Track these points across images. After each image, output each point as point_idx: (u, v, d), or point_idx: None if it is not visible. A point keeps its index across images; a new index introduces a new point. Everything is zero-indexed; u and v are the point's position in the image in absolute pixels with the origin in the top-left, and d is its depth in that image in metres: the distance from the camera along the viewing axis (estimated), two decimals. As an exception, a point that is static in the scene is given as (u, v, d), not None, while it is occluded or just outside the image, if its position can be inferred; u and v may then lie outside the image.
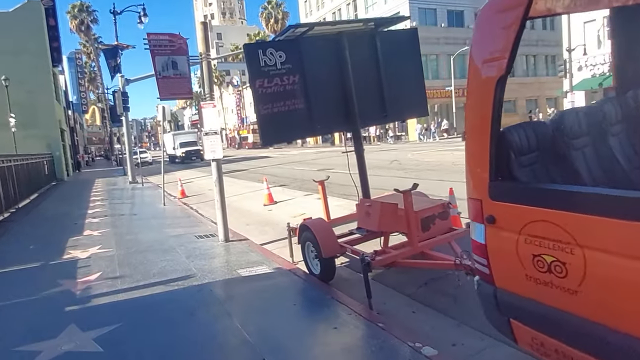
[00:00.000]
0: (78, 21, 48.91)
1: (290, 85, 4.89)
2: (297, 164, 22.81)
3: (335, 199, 10.25)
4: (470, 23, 41.58)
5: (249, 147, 61.01)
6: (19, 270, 6.03)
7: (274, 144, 4.96)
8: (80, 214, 10.88)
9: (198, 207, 11.83)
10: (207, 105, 6.58)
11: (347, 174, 5.97)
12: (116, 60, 23.90)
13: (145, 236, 7.81)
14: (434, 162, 15.95)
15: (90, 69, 64.01)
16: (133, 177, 20.19)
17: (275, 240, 7.27)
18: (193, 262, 5.76)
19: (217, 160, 6.77)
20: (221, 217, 6.81)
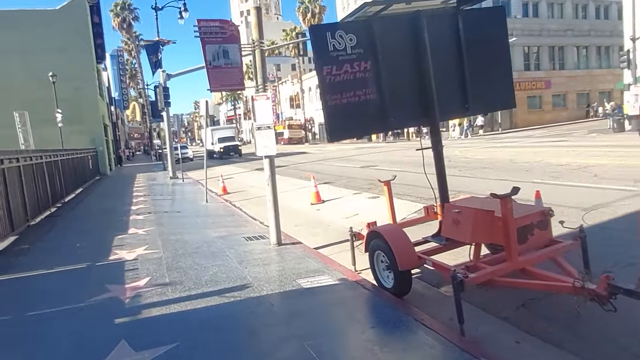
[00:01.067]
0: (120, 19, 50.02)
1: (361, 72, 4.28)
2: (337, 160, 22.22)
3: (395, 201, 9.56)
4: (517, 13, 39.63)
5: (284, 142, 60.87)
6: (66, 271, 5.73)
7: (342, 139, 4.34)
8: (124, 211, 10.70)
9: (242, 205, 11.44)
10: (260, 97, 6.07)
11: (393, 172, 5.28)
12: (157, 55, 23.98)
13: (191, 236, 7.42)
14: (487, 159, 14.96)
15: (131, 66, 65.69)
16: (173, 173, 20.19)
17: (330, 244, 6.71)
18: (247, 269, 5.27)
19: (270, 156, 6.26)
20: (274, 219, 6.30)
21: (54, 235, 8.45)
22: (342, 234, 7.20)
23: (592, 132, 23.97)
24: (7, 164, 8.25)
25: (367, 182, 12.39)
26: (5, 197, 7.98)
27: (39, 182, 10.44)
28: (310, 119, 66.72)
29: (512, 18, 39.35)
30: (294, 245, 6.37)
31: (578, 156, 13.31)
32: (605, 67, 44.27)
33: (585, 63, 43.84)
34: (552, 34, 41.30)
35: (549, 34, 41.19)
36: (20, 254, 6.89)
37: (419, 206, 8.53)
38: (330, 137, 4.31)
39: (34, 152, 10.55)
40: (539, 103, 41.71)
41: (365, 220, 8.13)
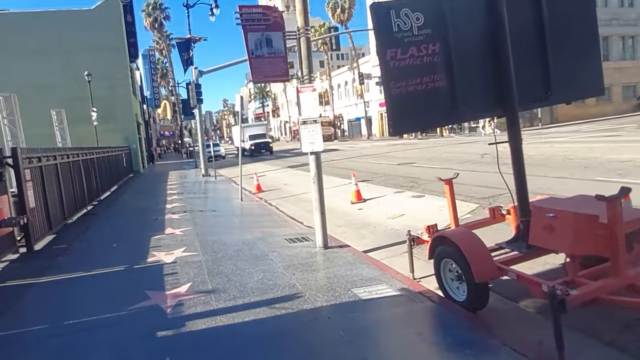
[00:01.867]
0: (152, 19, 50.78)
1: (429, 56, 3.75)
2: (371, 157, 21.61)
3: (435, 198, 8.98)
4: None
5: (313, 139, 60.55)
6: (104, 274, 5.45)
7: (406, 132, 3.84)
8: (160, 209, 10.49)
9: (278, 203, 11.06)
10: (306, 89, 5.61)
11: (433, 169, 4.70)
12: (189, 53, 24.03)
13: (229, 237, 7.06)
14: (537, 155, 14.05)
15: (162, 65, 66.73)
16: (206, 170, 20.08)
17: (379, 247, 6.20)
18: (294, 275, 4.83)
19: (317, 153, 5.80)
20: (320, 220, 5.85)
21: (91, 234, 8.27)
22: (390, 236, 6.70)
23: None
24: (45, 161, 8.13)
25: (408, 180, 11.79)
26: (43, 195, 7.84)
27: (76, 180, 10.36)
28: (339, 116, 66.15)
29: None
30: (341, 249, 5.90)
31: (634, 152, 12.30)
32: (655, 58, 41.82)
33: (631, 54, 41.47)
34: (595, 23, 39.19)
35: (592, 23, 39.09)
36: (58, 254, 6.70)
37: (471, 206, 7.93)
38: (394, 129, 3.80)
39: (70, 150, 10.48)
40: (580, 97, 39.71)
41: (412, 222, 7.66)
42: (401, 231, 6.92)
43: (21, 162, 6.85)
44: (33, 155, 7.54)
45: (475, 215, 7.15)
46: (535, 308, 3.87)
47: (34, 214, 7.19)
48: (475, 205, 7.87)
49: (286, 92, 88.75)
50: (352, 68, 59.89)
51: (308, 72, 5.64)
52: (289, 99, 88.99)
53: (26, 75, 22.21)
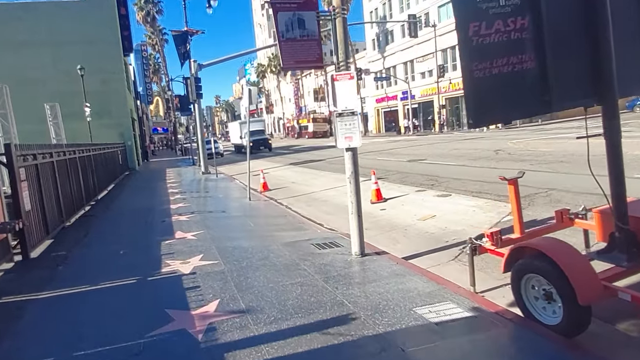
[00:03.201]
0: (144, 12, 49.67)
1: (516, 32, 3.11)
2: (376, 154, 20.98)
3: (464, 198, 8.38)
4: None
5: (309, 136, 59.95)
6: (113, 288, 4.76)
7: (488, 124, 3.21)
8: (164, 210, 9.79)
9: (289, 203, 10.40)
10: (343, 76, 4.95)
11: (446, 166, 4.09)
12: (186, 46, 23.16)
13: (249, 242, 6.39)
14: (556, 152, 13.51)
15: (154, 61, 65.46)
16: (205, 168, 19.34)
17: (419, 253, 5.58)
18: (338, 290, 4.18)
19: (354, 150, 5.15)
20: (357, 224, 5.21)
21: (92, 239, 7.55)
22: (427, 241, 6.09)
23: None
24: (41, 159, 7.39)
25: (426, 178, 11.18)
26: (39, 196, 7.11)
27: (73, 179, 9.61)
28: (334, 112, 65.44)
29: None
30: (379, 256, 5.26)
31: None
32: None
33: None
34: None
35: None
36: (58, 262, 5.99)
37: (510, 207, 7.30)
38: (475, 120, 3.16)
39: (67, 147, 9.72)
40: (580, 92, 39.44)
41: (446, 224, 6.91)
42: (437, 235, 6.32)
43: (15, 160, 6.12)
44: (28, 152, 6.80)
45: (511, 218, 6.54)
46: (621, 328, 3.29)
47: (30, 217, 6.46)
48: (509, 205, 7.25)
49: (280, 88, 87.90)
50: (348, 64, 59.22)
51: (344, 57, 4.98)
52: (282, 95, 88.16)
53: (15, 68, 21.23)
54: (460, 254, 5.40)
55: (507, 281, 4.45)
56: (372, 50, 53.55)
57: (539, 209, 6.87)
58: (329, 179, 13.98)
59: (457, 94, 40.09)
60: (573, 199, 7.27)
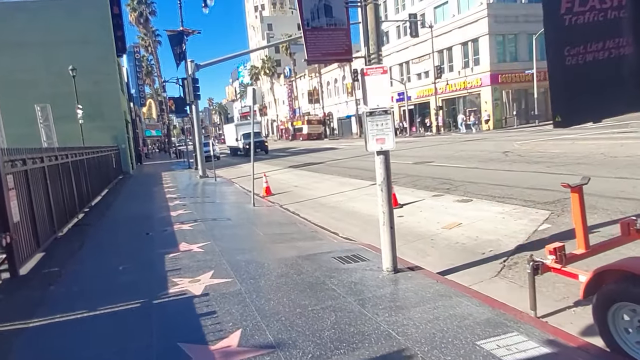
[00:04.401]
0: (137, 13, 48.86)
1: (613, 10, 2.58)
2: (378, 156, 20.42)
3: (487, 203, 7.83)
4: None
5: (303, 138, 59.39)
6: (114, 313, 4.14)
7: (580, 122, 2.55)
8: (164, 218, 9.15)
9: (296, 209, 9.82)
10: (374, 70, 4.38)
11: (454, 168, 3.55)
12: (182, 46, 22.47)
13: (263, 255, 5.80)
14: (570, 153, 13.05)
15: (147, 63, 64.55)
16: (203, 171, 18.69)
17: (455, 268, 5.03)
18: (380, 316, 3.61)
19: (386, 154, 4.58)
20: (389, 236, 4.63)
21: (87, 251, 6.91)
22: (459, 253, 5.53)
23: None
24: (31, 164, 6.73)
25: (439, 182, 10.65)
26: (29, 205, 6.46)
27: (65, 185, 8.95)
28: (328, 114, 64.97)
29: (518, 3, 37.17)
30: (414, 272, 4.70)
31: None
32: None
33: (625, 50, 41.23)
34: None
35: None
36: (50, 281, 5.35)
37: (542, 213, 6.78)
38: (565, 118, 2.60)
39: (59, 151, 9.06)
40: (576, 93, 39.32)
41: (475, 233, 6.21)
42: (470, 246, 5.77)
43: (2, 167, 5.47)
44: (17, 157, 6.15)
45: (555, 226, 6.03)
46: None
47: (19, 229, 5.81)
48: (546, 212, 6.73)
49: (273, 90, 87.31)
50: (343, 65, 58.73)
51: (376, 49, 4.41)
52: (276, 97, 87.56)
53: (4, 69, 20.44)
54: (503, 268, 4.85)
55: (569, 302, 3.93)
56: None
57: (576, 216, 6.34)
58: (333, 182, 13.42)
59: (454, 95, 39.80)
60: (609, 204, 6.76)
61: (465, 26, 36.52)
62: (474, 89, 37.01)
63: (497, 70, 35.06)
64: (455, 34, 37.96)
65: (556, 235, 5.58)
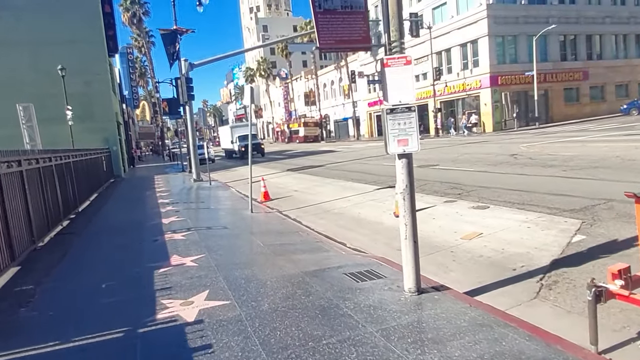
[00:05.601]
0: (130, 14, 47.98)
1: None
2: (378, 159, 19.86)
3: (507, 211, 7.23)
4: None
5: (300, 141, 58.73)
6: (91, 346, 3.48)
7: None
8: (155, 226, 8.49)
9: (298, 216, 9.19)
10: (396, 61, 3.77)
11: (465, 172, 3.07)
12: (175, 46, 21.81)
13: (264, 271, 5.15)
14: (581, 156, 12.52)
15: (140, 64, 63.70)
16: (197, 175, 18.01)
17: (484, 287, 4.40)
18: (410, 353, 2.98)
19: (409, 157, 3.96)
20: (411, 251, 4.01)
21: (68, 265, 6.22)
22: (487, 268, 4.92)
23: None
24: (5, 168, 6.05)
25: (449, 186, 10.05)
26: (2, 213, 5.77)
27: (48, 191, 8.26)
28: (325, 116, 64.37)
29: (548, 5, 36.78)
30: (441, 293, 4.07)
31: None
32: (645, 57, 41.55)
33: (624, 52, 41.02)
34: (589, 21, 38.56)
35: (587, 21, 38.45)
36: (21, 303, 4.67)
37: (572, 223, 6.17)
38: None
39: (41, 153, 8.37)
40: (576, 95, 39.05)
41: (499, 244, 5.58)
42: (496, 260, 5.16)
43: (-34, 171, 4.80)
44: (-14, 160, 5.47)
45: (590, 237, 5.43)
46: None
47: (-12, 242, 5.14)
48: (576, 222, 6.13)
49: (269, 92, 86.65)
50: (339, 67, 58.23)
51: (398, 35, 3.80)
52: (272, 99, 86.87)
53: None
54: (542, 289, 4.24)
55: (631, 332, 3.32)
56: (364, 54, 52.57)
57: (610, 226, 5.76)
58: (335, 187, 12.79)
59: (452, 97, 39.32)
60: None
61: (465, 27, 36.07)
62: (473, 90, 36.55)
63: (497, 72, 34.61)
64: (454, 35, 37.51)
65: (595, 249, 4.99)
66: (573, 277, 4.34)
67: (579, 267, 4.53)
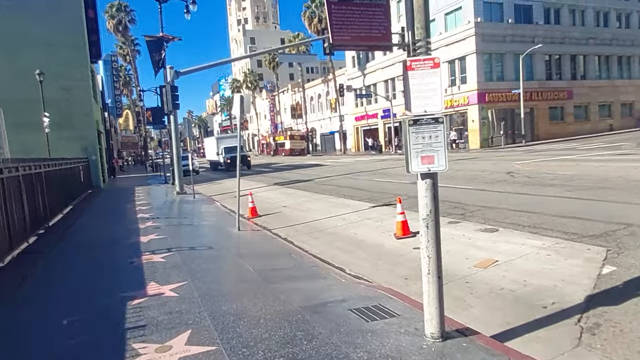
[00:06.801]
0: (116, 21, 47.18)
1: None
2: (370, 174, 19.32)
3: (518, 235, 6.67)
4: (539, 19, 37.44)
5: (286, 153, 58.08)
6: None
7: None
8: (132, 244, 7.69)
9: (289, 235, 8.52)
10: (421, 64, 3.20)
11: (462, 190, 2.83)
12: (161, 53, 21.10)
13: (256, 305, 4.45)
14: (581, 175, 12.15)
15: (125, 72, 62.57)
16: (181, 187, 17.17)
17: (518, 329, 3.79)
18: None
19: (434, 177, 3.36)
20: (436, 291, 3.38)
21: (27, 293, 5.41)
22: (511, 304, 4.33)
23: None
24: (-44, 180, 5.26)
25: (448, 205, 9.49)
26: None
27: (12, 205, 7.41)
28: (312, 130, 63.97)
29: (534, 24, 37.24)
30: (467, 339, 3.45)
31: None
32: (626, 78, 42.34)
33: (606, 73, 41.75)
34: (574, 42, 39.20)
35: (571, 42, 39.07)
36: (-39, 343, 3.87)
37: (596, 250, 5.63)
38: None
39: (6, 163, 7.55)
40: (560, 114, 39.43)
41: (520, 275, 4.99)
42: (521, 294, 4.56)
43: None
44: None
45: (622, 269, 4.88)
46: None
47: None
48: (601, 249, 5.59)
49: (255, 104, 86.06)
50: (327, 80, 58.07)
51: (424, 34, 3.23)
52: (257, 111, 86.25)
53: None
54: (583, 333, 3.64)
55: None
56: (351, 68, 52.62)
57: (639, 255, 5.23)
58: (326, 203, 12.14)
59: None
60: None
61: (453, 44, 36.20)
62: (461, 107, 36.56)
63: (485, 89, 34.71)
64: (441, 52, 37.54)
65: (631, 283, 4.44)
66: (617, 319, 3.76)
67: (620, 307, 3.96)
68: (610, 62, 41.78)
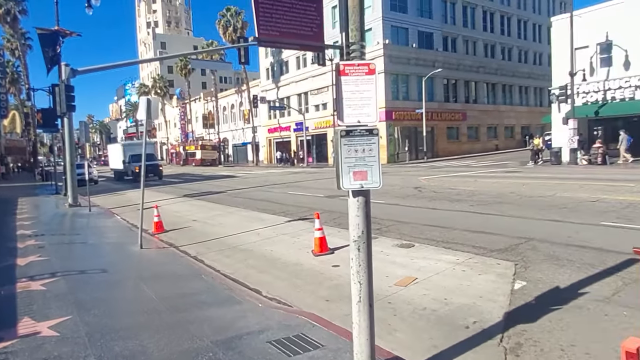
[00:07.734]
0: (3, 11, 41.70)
1: None
2: (284, 187, 18.97)
3: (433, 250, 6.73)
4: (438, 46, 40.52)
5: (196, 164, 55.70)
6: None
7: None
8: (5, 269, 6.44)
9: (199, 252, 7.84)
10: (355, 69, 2.93)
11: (374, 204, 4.74)
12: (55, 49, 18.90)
13: (160, 343, 3.80)
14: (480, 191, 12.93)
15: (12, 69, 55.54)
16: (74, 199, 15.31)
17: (444, 354, 3.64)
18: None
19: (366, 195, 3.08)
20: (367, 320, 3.06)
21: None
22: (435, 326, 4.23)
23: (524, 164, 23.88)
24: None
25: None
26: None
27: None
28: (224, 140, 62.23)
29: (434, 50, 40.19)
30: (398, 370, 3.19)
31: (582, 190, 11.87)
32: (508, 104, 47.58)
33: (493, 99, 46.52)
34: (467, 69, 43.14)
35: (465, 69, 42.94)
36: None
37: (504, 265, 5.81)
38: None
39: None
40: (456, 134, 42.96)
41: (440, 293, 4.90)
42: (443, 314, 4.48)
43: None
44: None
45: (531, 284, 5.04)
46: None
47: None
48: (509, 264, 5.78)
49: (164, 112, 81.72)
50: (241, 91, 57.03)
51: (359, 36, 2.96)
52: (167, 119, 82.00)
53: None
54: (507, 354, 3.58)
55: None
56: (266, 80, 52.37)
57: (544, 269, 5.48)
58: (240, 217, 11.53)
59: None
60: (568, 252, 6.09)
61: (364, 63, 37.63)
62: (370, 123, 37.99)
63: (392, 107, 36.50)
64: (354, 70, 38.89)
65: (542, 298, 4.57)
66: (536, 337, 3.78)
67: (537, 323, 4.02)
68: (496, 89, 46.70)
